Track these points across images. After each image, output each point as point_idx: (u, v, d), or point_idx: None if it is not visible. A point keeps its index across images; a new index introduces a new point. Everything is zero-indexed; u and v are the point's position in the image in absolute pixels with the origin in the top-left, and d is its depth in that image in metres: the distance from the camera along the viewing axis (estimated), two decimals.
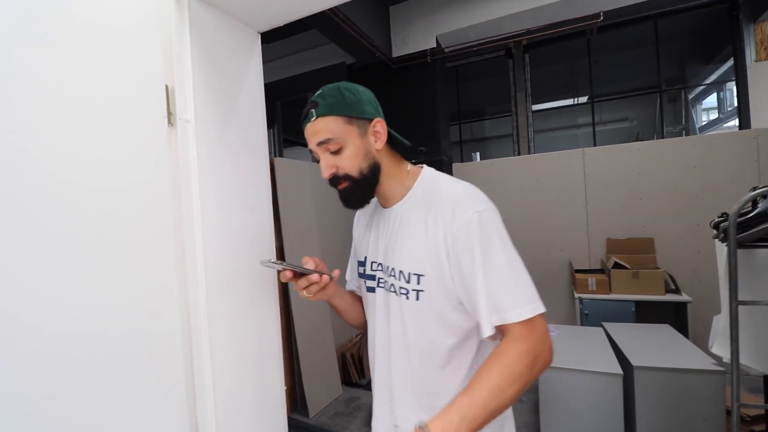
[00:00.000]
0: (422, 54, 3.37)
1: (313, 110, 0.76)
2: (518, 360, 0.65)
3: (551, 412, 1.97)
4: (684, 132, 4.99)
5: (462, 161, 5.12)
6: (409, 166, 0.85)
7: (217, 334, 0.75)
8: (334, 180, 0.78)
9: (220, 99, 0.80)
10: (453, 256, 0.71)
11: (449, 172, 3.65)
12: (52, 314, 0.53)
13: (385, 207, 0.86)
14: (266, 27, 0.88)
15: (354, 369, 3.13)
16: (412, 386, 0.78)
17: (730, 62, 3.69)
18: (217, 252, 0.76)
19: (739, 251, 1.57)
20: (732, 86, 3.89)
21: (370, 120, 0.78)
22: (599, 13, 2.81)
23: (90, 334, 0.57)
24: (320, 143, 0.75)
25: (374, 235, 0.87)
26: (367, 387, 3.05)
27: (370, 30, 3.11)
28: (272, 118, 5.37)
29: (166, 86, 0.71)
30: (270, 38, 3.86)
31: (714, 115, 5.64)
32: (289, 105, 5.43)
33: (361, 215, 0.96)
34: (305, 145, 0.82)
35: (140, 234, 0.65)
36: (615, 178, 3.24)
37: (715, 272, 1.90)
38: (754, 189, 1.95)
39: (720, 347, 1.74)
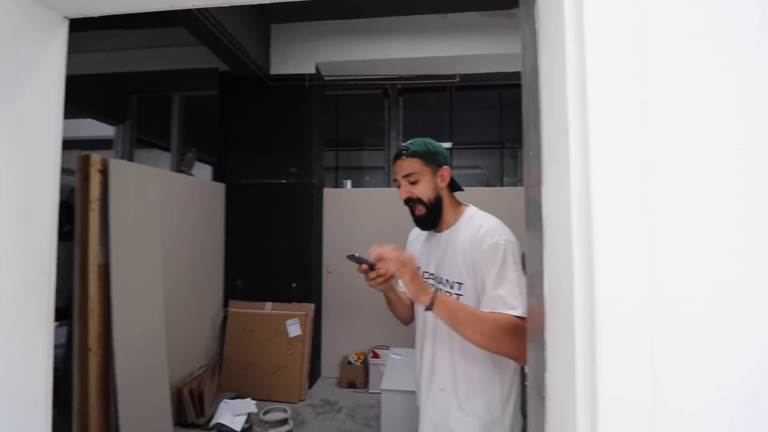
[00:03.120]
0: (301, 77, 3.39)
1: (404, 152, 1.10)
2: (505, 325, 0.92)
3: None
4: (519, 182, 6.04)
5: (337, 186, 5.23)
6: (460, 205, 1.16)
7: None
8: (409, 201, 1.10)
9: None
10: (479, 268, 1.01)
11: (320, 196, 3.68)
12: None
13: (437, 232, 1.16)
14: (75, 13, 0.77)
15: (192, 407, 2.77)
16: (451, 357, 1.06)
17: None
18: None
19: None
20: None
21: (440, 166, 1.11)
22: (456, 74, 3.27)
23: None
24: (405, 176, 1.09)
25: (427, 251, 1.18)
26: (204, 427, 2.73)
27: (247, 42, 3.01)
28: (124, 114, 4.68)
29: None
30: (130, 24, 3.41)
31: None
32: (148, 101, 4.82)
33: (417, 236, 1.27)
34: (165, 147, 0.80)
35: None
36: None
37: None
38: None
39: None
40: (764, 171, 0.42)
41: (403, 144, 1.13)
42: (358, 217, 3.71)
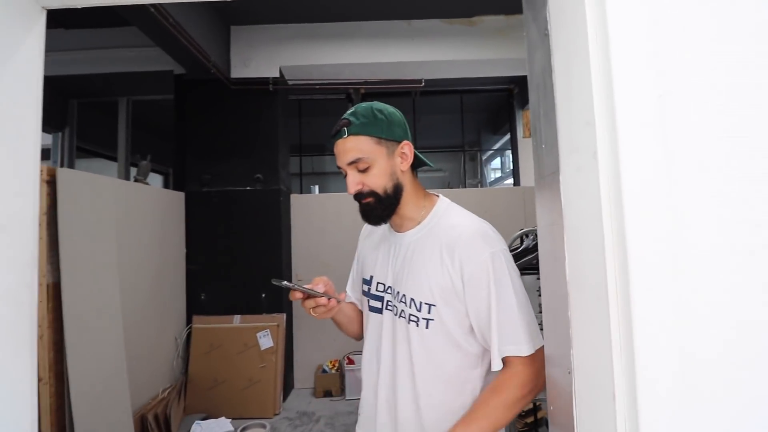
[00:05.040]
0: (264, 81, 3.31)
1: (345, 128, 0.78)
2: (515, 391, 0.73)
3: None
4: (479, 184, 6.27)
5: (302, 193, 5.14)
6: (426, 194, 0.88)
7: None
8: (359, 196, 0.81)
9: None
10: (468, 291, 0.77)
11: (287, 202, 3.60)
12: None
13: (397, 231, 0.88)
14: (56, 3, 0.71)
15: None
16: (417, 407, 0.80)
17: (509, 135, 4.85)
18: None
19: None
20: (509, 153, 5.11)
21: (399, 142, 0.82)
22: (421, 79, 3.35)
23: None
24: (350, 162, 0.79)
25: (383, 257, 0.90)
26: None
27: (206, 43, 2.89)
28: (63, 120, 4.31)
29: None
30: (71, 23, 3.15)
31: (498, 174, 7.23)
32: (90, 107, 4.47)
33: (371, 232, 0.99)
34: (110, 157, 0.71)
35: None
36: None
37: None
38: (521, 231, 2.56)
39: None
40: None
41: (344, 116, 0.81)
42: (327, 222, 3.67)
